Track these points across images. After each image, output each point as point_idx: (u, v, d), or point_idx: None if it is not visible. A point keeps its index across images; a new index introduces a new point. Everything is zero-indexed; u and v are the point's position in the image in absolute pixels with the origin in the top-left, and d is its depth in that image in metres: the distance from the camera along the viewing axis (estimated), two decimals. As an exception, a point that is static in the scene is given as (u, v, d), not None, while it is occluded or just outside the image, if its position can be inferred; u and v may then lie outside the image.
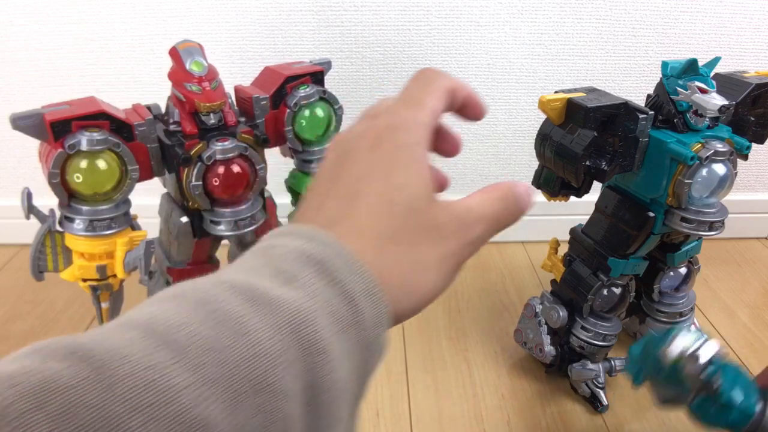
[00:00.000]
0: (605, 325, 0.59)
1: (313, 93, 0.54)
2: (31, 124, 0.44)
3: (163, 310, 0.21)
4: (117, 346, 0.18)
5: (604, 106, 0.46)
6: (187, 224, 0.52)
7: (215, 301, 0.21)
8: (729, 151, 0.47)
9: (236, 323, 0.20)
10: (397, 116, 0.29)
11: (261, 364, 0.20)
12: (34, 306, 0.77)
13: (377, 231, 0.26)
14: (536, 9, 0.76)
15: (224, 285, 0.22)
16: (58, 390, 0.17)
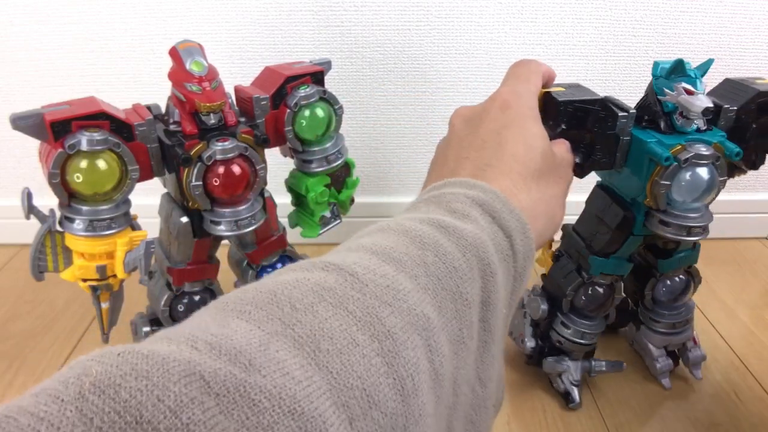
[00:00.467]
0: (586, 323, 0.59)
1: (314, 93, 0.54)
2: (31, 124, 0.44)
3: (375, 240, 0.26)
4: (356, 262, 0.24)
5: (576, 101, 0.46)
6: (187, 224, 0.52)
7: (414, 230, 0.26)
8: (714, 155, 0.46)
9: (435, 246, 0.26)
10: (517, 88, 0.38)
11: (456, 277, 0.25)
12: (34, 306, 0.77)
13: (523, 173, 0.33)
14: (536, 9, 0.77)
15: (415, 220, 0.28)
16: (330, 289, 0.23)
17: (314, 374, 0.19)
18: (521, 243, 0.29)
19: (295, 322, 0.21)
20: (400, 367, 0.21)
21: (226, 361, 0.19)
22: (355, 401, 0.20)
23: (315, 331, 0.21)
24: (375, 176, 0.88)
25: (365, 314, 0.22)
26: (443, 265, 0.25)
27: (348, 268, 0.23)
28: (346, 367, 0.20)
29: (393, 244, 0.25)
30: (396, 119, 0.83)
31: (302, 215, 0.61)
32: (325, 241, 0.62)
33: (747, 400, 0.63)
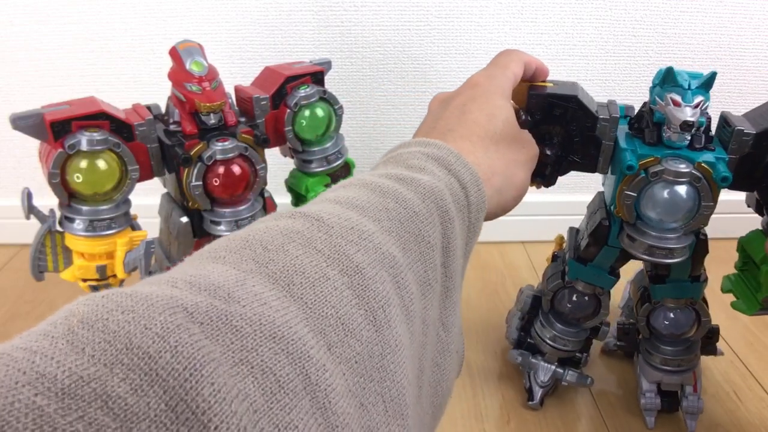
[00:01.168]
0: (565, 329, 0.58)
1: (314, 93, 0.54)
2: (31, 124, 0.44)
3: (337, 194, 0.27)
4: (321, 209, 0.25)
5: (545, 94, 0.45)
6: (187, 224, 0.52)
7: (374, 183, 0.28)
8: (691, 174, 0.43)
9: (395, 194, 0.27)
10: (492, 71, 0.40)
11: (417, 221, 0.27)
12: (34, 306, 0.77)
13: (482, 135, 0.35)
14: (536, 9, 0.76)
15: (375, 175, 0.29)
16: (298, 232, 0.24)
17: (290, 305, 0.21)
18: (475, 194, 0.31)
19: (268, 261, 0.22)
20: (371, 300, 0.23)
21: (206, 295, 0.19)
22: (331, 329, 0.21)
23: (287, 267, 0.22)
24: (375, 176, 0.88)
25: (333, 252, 0.23)
26: (404, 210, 0.26)
27: (314, 215, 0.25)
28: (319, 298, 0.21)
29: (355, 195, 0.27)
30: (396, 119, 0.83)
31: (302, 215, 0.61)
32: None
33: (747, 400, 0.63)
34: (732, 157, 0.45)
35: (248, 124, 0.53)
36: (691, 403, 0.58)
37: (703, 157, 0.44)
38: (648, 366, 0.58)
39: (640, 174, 0.44)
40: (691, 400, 0.58)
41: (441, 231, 0.28)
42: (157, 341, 0.17)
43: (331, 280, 0.22)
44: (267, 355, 0.19)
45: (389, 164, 0.31)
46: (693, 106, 0.42)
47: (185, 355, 0.17)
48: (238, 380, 0.18)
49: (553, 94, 0.45)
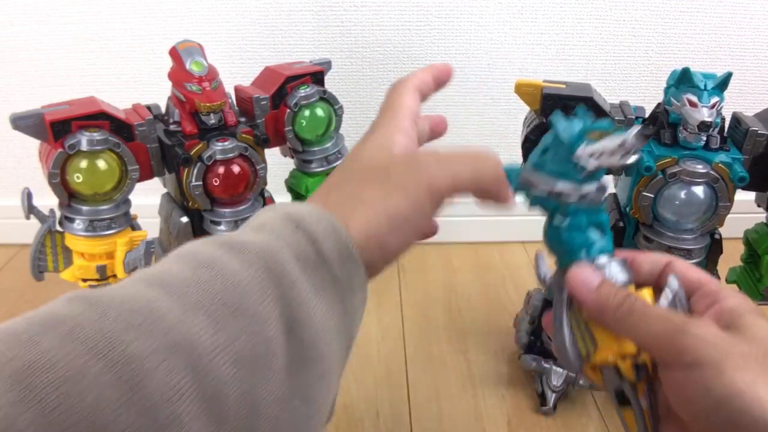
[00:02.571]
0: None
1: (314, 93, 0.54)
2: (31, 124, 0.44)
3: (154, 267, 0.24)
4: (110, 290, 0.22)
5: (558, 95, 0.44)
6: (187, 224, 0.52)
7: (192, 252, 0.25)
8: (710, 175, 0.43)
9: (211, 263, 0.24)
10: (378, 120, 0.35)
11: (235, 292, 0.23)
12: (34, 306, 0.76)
13: (332, 187, 0.30)
14: (536, 9, 0.76)
15: (202, 243, 0.26)
16: (63, 319, 0.20)
17: (25, 411, 0.18)
18: (333, 246, 0.26)
19: (11, 357, 0.19)
20: (148, 396, 0.19)
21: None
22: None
23: (33, 364, 0.19)
24: (375, 176, 0.88)
25: (101, 341, 0.20)
26: (220, 282, 0.23)
27: (93, 297, 0.22)
28: (68, 401, 0.18)
29: (166, 268, 0.24)
30: (396, 119, 0.83)
31: (302, 215, 0.61)
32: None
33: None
34: (746, 157, 0.45)
35: (248, 124, 0.53)
36: None
37: (719, 157, 0.44)
38: None
39: (658, 175, 0.44)
40: None
41: (277, 297, 0.24)
42: None
43: (90, 378, 0.19)
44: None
45: (244, 227, 0.28)
46: (710, 106, 0.42)
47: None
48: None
49: (569, 95, 0.44)
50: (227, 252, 0.25)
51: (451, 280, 0.84)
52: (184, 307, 0.22)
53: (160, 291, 0.22)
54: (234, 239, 0.25)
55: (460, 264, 0.87)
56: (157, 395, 0.19)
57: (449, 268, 0.86)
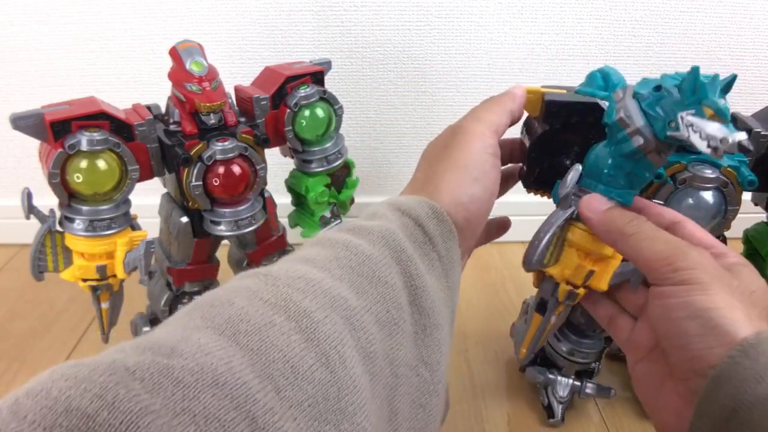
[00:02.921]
0: (581, 341, 0.56)
1: (314, 93, 0.54)
2: (31, 124, 0.44)
3: (294, 254, 0.29)
4: (272, 268, 0.27)
5: (564, 102, 0.42)
6: (187, 224, 0.52)
7: (326, 238, 0.29)
8: (719, 179, 0.42)
9: (345, 243, 0.28)
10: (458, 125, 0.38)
11: (370, 264, 0.27)
12: (34, 306, 0.77)
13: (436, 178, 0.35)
14: (536, 9, 0.76)
15: (330, 231, 0.30)
16: (246, 287, 0.25)
17: (235, 352, 0.21)
18: (435, 226, 0.31)
19: (214, 315, 0.23)
20: (321, 341, 0.23)
21: (150, 353, 0.20)
22: (279, 372, 0.21)
23: (233, 317, 0.22)
24: (375, 176, 0.88)
25: (279, 300, 0.24)
26: (355, 256, 0.27)
27: (263, 272, 0.26)
28: (265, 343, 0.22)
29: (307, 252, 0.28)
30: (396, 119, 0.83)
31: (302, 215, 0.62)
32: (325, 241, 0.61)
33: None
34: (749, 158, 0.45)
35: (248, 124, 0.53)
36: None
37: (726, 161, 0.43)
38: None
39: (667, 181, 0.43)
40: None
41: (399, 270, 0.28)
42: (95, 401, 0.17)
43: (278, 326, 0.22)
44: (210, 402, 0.19)
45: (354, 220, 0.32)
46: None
47: (122, 410, 0.17)
48: (179, 429, 0.18)
49: (573, 101, 0.43)
50: (354, 235, 0.29)
51: (451, 280, 0.84)
52: (332, 277, 0.26)
53: (309, 266, 0.26)
54: (356, 225, 0.30)
55: (460, 264, 0.87)
56: (328, 341, 0.23)
57: (449, 268, 0.86)
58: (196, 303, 0.24)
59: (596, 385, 0.59)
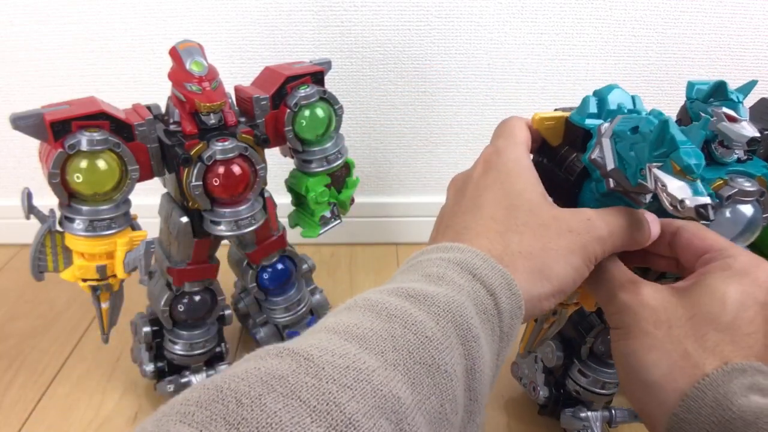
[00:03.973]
0: (607, 371, 0.53)
1: (314, 93, 0.54)
2: (31, 124, 0.44)
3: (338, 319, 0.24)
4: (314, 344, 0.22)
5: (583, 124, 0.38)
6: (187, 224, 0.52)
7: (381, 303, 0.25)
8: (759, 191, 0.40)
9: (403, 317, 0.24)
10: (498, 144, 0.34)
11: (430, 347, 0.23)
12: (34, 306, 0.77)
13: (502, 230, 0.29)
14: (536, 9, 0.76)
15: (383, 292, 0.26)
16: (281, 377, 0.21)
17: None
18: (507, 300, 0.27)
19: (240, 420, 0.19)
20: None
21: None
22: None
23: (262, 428, 0.19)
24: (375, 176, 0.88)
25: (321, 402, 0.20)
26: (414, 336, 0.23)
27: (303, 352, 0.22)
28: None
29: (357, 321, 0.24)
30: (396, 119, 0.83)
31: (302, 215, 0.61)
32: (325, 241, 0.62)
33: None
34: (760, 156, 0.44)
35: (248, 124, 0.53)
36: None
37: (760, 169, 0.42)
38: None
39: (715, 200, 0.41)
40: None
41: (462, 353, 0.24)
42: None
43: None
44: None
45: (406, 273, 0.28)
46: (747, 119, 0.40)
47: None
48: None
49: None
50: (415, 304, 0.25)
51: (451, 280, 0.84)
52: (384, 364, 0.22)
53: (359, 346, 0.22)
54: (418, 291, 0.25)
55: (460, 264, 0.87)
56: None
57: (449, 268, 0.86)
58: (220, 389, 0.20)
59: (628, 411, 0.57)
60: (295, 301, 0.65)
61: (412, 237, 0.92)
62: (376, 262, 0.88)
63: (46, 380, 0.65)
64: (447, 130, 0.84)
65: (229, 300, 0.70)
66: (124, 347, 0.69)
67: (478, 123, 0.83)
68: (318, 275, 0.81)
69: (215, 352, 0.61)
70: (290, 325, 0.67)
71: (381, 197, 0.90)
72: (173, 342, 0.58)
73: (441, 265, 0.27)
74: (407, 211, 0.90)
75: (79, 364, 0.67)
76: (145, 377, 0.60)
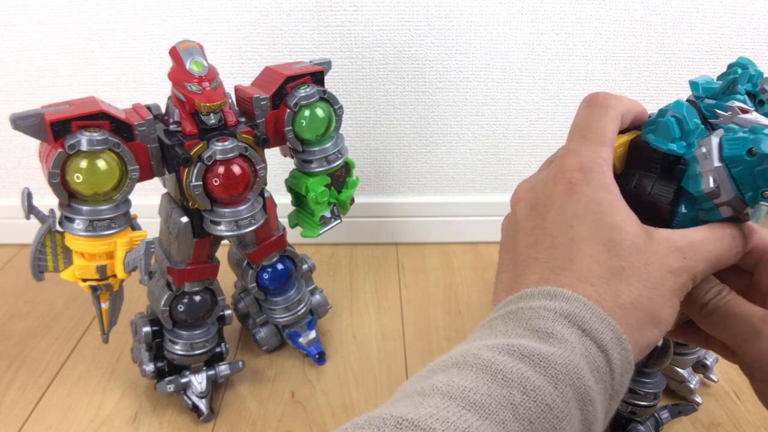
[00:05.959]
0: (647, 381, 0.53)
1: (314, 93, 0.54)
2: (31, 124, 0.44)
3: (451, 380, 0.23)
4: (433, 414, 0.21)
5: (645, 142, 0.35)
6: (187, 224, 0.52)
7: (494, 363, 0.23)
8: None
9: (521, 382, 0.22)
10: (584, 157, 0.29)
11: (551, 417, 0.22)
12: (34, 306, 0.77)
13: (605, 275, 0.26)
14: (536, 9, 0.76)
15: (494, 349, 0.24)
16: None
17: None
18: (618, 357, 0.25)
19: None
20: None
21: None
22: None
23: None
24: (375, 176, 0.88)
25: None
26: (534, 405, 0.22)
27: (424, 424, 0.20)
28: None
29: (472, 384, 0.22)
30: (396, 119, 0.83)
31: (302, 215, 0.62)
32: (325, 241, 0.62)
33: (747, 400, 0.63)
34: None
35: (248, 124, 0.53)
36: (712, 359, 0.62)
37: None
38: (682, 356, 0.60)
39: None
40: (710, 358, 0.62)
41: (580, 419, 0.23)
42: None
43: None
44: None
45: (509, 323, 0.26)
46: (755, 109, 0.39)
47: None
48: None
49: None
50: (532, 367, 0.23)
51: (451, 280, 0.84)
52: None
53: (479, 417, 0.21)
54: (531, 351, 0.23)
55: (460, 264, 0.87)
56: None
57: (449, 268, 0.86)
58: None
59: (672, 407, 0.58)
60: (295, 301, 0.65)
61: (412, 237, 0.92)
62: (375, 262, 0.88)
63: (46, 380, 0.65)
64: (447, 130, 0.84)
65: (229, 300, 0.70)
66: (124, 347, 0.69)
67: (478, 123, 0.83)
68: (318, 275, 0.81)
69: (215, 352, 0.61)
70: (290, 325, 0.67)
71: (381, 197, 0.90)
72: (173, 342, 0.58)
73: (548, 318, 0.25)
74: (407, 211, 0.90)
75: (79, 364, 0.67)
76: (145, 377, 0.60)
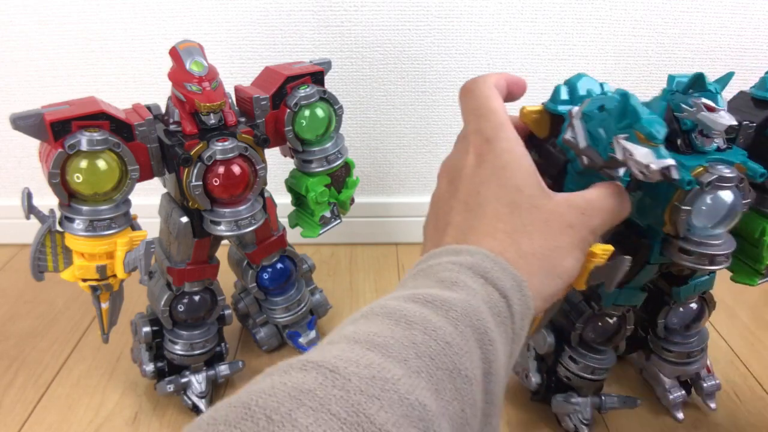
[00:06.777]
0: (596, 357, 0.55)
1: (314, 93, 0.54)
2: (31, 124, 0.44)
3: (357, 327, 0.24)
4: (337, 355, 0.22)
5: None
6: (187, 224, 0.52)
7: (398, 310, 0.25)
8: (738, 177, 0.42)
9: (423, 323, 0.24)
10: (485, 130, 0.33)
11: (450, 353, 0.23)
12: (34, 306, 0.77)
13: (509, 230, 0.30)
14: (536, 9, 0.76)
15: (400, 298, 0.26)
16: (309, 391, 0.20)
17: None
18: (518, 302, 0.27)
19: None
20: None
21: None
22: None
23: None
24: (375, 176, 0.88)
25: (351, 414, 0.20)
26: (435, 343, 0.23)
27: (328, 364, 0.22)
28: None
29: (377, 329, 0.24)
30: (396, 119, 0.83)
31: (302, 215, 0.61)
32: (325, 241, 0.62)
33: (747, 400, 0.63)
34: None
35: (248, 124, 0.53)
36: (709, 384, 0.60)
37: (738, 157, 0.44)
38: (667, 363, 0.59)
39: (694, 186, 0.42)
40: (708, 382, 0.60)
41: (480, 357, 0.25)
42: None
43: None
44: None
45: (419, 279, 0.28)
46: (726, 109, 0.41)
47: None
48: None
49: None
50: (433, 310, 0.25)
51: (451, 280, 0.84)
52: (408, 372, 0.22)
53: (382, 355, 0.22)
54: (435, 297, 0.25)
55: (460, 264, 0.87)
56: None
57: (449, 268, 0.86)
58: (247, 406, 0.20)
59: (618, 397, 0.58)
60: (295, 301, 0.65)
61: (412, 237, 0.92)
62: (375, 262, 0.88)
63: (46, 380, 0.65)
64: (447, 130, 0.84)
65: (229, 300, 0.70)
66: (124, 347, 0.69)
67: (478, 123, 0.83)
68: (318, 275, 0.81)
69: (215, 352, 0.61)
70: (290, 325, 0.67)
71: (381, 197, 0.90)
72: (173, 342, 0.58)
73: (453, 270, 0.27)
74: (407, 211, 0.90)
75: (79, 364, 0.67)
76: (145, 377, 0.60)
